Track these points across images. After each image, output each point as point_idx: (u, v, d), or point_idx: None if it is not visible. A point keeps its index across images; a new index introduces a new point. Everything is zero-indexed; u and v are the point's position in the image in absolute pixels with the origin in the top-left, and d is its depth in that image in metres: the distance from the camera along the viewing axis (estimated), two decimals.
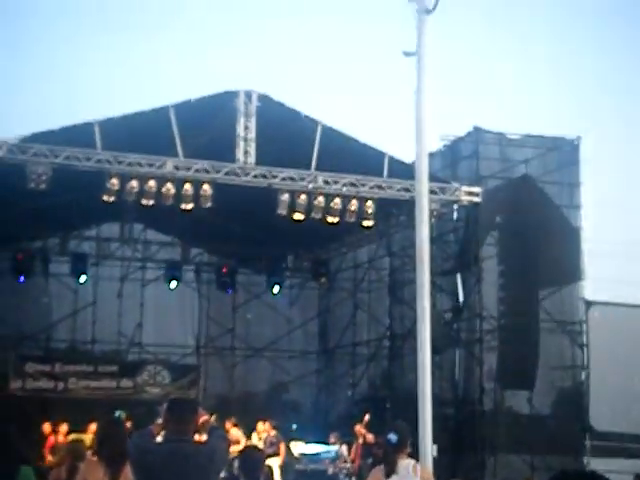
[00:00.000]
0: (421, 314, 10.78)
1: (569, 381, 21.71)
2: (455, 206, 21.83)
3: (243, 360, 27.02)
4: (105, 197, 18.82)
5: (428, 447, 10.17)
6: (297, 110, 19.67)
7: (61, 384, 23.59)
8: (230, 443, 13.34)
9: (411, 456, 8.44)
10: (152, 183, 18.79)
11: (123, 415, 17.53)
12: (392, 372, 24.09)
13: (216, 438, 6.83)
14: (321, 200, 19.82)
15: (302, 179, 19.79)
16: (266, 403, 26.23)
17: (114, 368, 24.70)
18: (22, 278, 23.42)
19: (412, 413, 13.75)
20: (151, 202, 19.05)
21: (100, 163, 18.60)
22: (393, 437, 8.25)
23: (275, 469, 18.79)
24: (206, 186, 19.19)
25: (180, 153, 18.84)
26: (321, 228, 21.21)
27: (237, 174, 19.51)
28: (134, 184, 18.70)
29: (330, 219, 20.12)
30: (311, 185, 19.82)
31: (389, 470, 8.13)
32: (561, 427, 20.81)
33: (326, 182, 19.95)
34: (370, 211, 20.25)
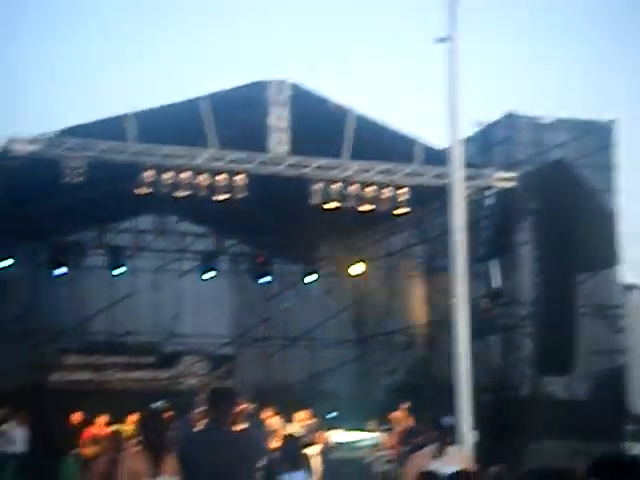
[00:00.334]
0: (458, 301, 10.76)
1: (607, 366, 21.57)
2: (489, 192, 21.71)
3: (279, 350, 27.10)
4: (140, 189, 18.93)
5: (466, 433, 10.16)
6: (329, 99, 19.67)
7: (100, 375, 23.81)
8: (269, 432, 13.41)
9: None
10: (186, 174, 18.86)
11: (163, 406, 17.66)
12: (429, 359, 24.05)
13: (254, 426, 6.91)
14: (354, 188, 19.79)
15: (335, 168, 19.78)
16: (303, 392, 26.28)
17: (151, 359, 24.89)
18: (60, 271, 23.61)
19: (450, 400, 13.76)
20: (185, 193, 19.13)
21: (134, 155, 18.69)
22: (447, 421, 8.31)
23: (314, 458, 18.84)
24: (240, 176, 19.24)
25: (214, 144, 18.89)
26: (355, 216, 21.21)
27: (270, 164, 19.53)
28: (168, 176, 18.78)
29: (363, 207, 20.10)
30: (344, 174, 19.81)
31: (439, 453, 8.16)
32: (601, 412, 20.68)
33: (359, 170, 19.92)
34: (403, 198, 20.20)
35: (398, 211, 20.54)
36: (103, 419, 19.09)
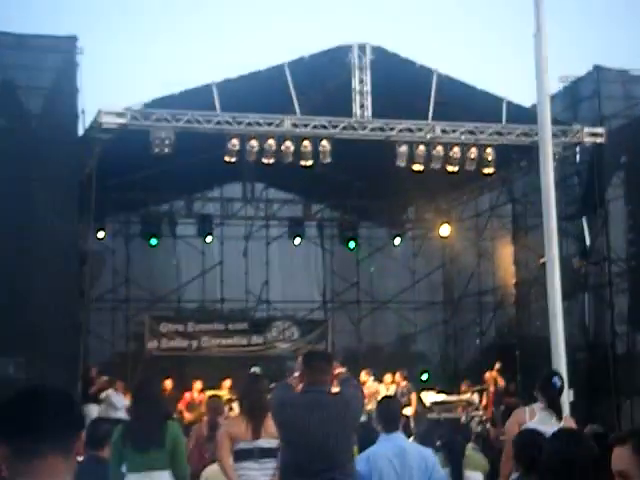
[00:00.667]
0: (550, 260, 10.68)
1: None
2: (578, 148, 21.37)
3: (369, 313, 27.19)
4: (226, 158, 19.14)
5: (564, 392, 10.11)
6: (412, 60, 19.54)
7: (194, 343, 24.24)
8: (365, 393, 13.52)
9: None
10: (271, 142, 19.00)
11: (259, 370, 17.95)
12: (520, 319, 23.90)
13: (350, 388, 6.97)
14: (440, 150, 19.68)
15: (420, 130, 19.68)
16: (394, 355, 26.39)
17: (244, 325, 25.22)
18: (153, 241, 24.06)
19: (541, 360, 13.68)
20: (271, 161, 19.28)
21: (220, 125, 18.88)
22: (557, 381, 8.31)
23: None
24: (324, 142, 19.29)
25: (297, 110, 18.96)
26: (441, 178, 21.11)
27: (354, 128, 19.53)
28: (254, 143, 18.94)
29: (450, 168, 19.99)
30: (429, 135, 19.71)
31: (557, 412, 8.18)
32: None
33: (444, 131, 19.79)
34: (490, 158, 20.01)
35: (485, 171, 20.38)
36: (198, 385, 19.51)
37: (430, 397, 20.63)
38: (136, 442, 7.84)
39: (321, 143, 19.25)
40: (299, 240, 25.86)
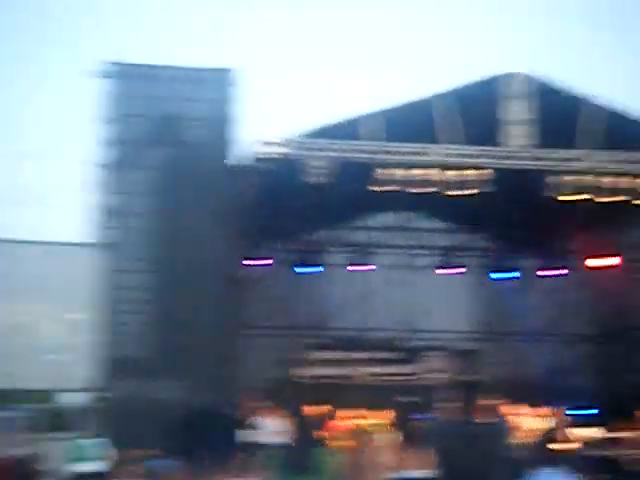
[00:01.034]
0: None
1: None
2: None
3: (521, 345, 26.73)
4: (379, 187, 19.28)
5: None
6: (570, 89, 19.26)
7: (345, 371, 24.35)
8: (513, 426, 13.31)
9: None
10: (423, 171, 19.03)
11: (411, 400, 17.92)
12: None
13: (500, 419, 6.94)
14: (594, 179, 19.26)
15: (578, 159, 19.33)
16: (548, 388, 25.83)
17: (395, 355, 25.19)
18: (307, 269, 24.41)
19: None
20: (423, 190, 19.30)
21: (373, 154, 19.04)
22: None
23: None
24: (476, 171, 19.18)
25: (451, 140, 18.94)
26: (594, 208, 20.63)
27: (511, 157, 19.35)
28: (406, 173, 19.02)
29: (604, 199, 19.51)
30: (584, 165, 19.33)
31: None
32: None
33: (599, 161, 19.37)
34: None
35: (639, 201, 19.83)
36: (350, 412, 19.60)
37: (582, 433, 20.12)
38: (289, 467, 7.98)
39: (474, 172, 19.15)
40: (452, 269, 25.73)
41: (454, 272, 25.88)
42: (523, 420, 18.89)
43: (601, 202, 19.62)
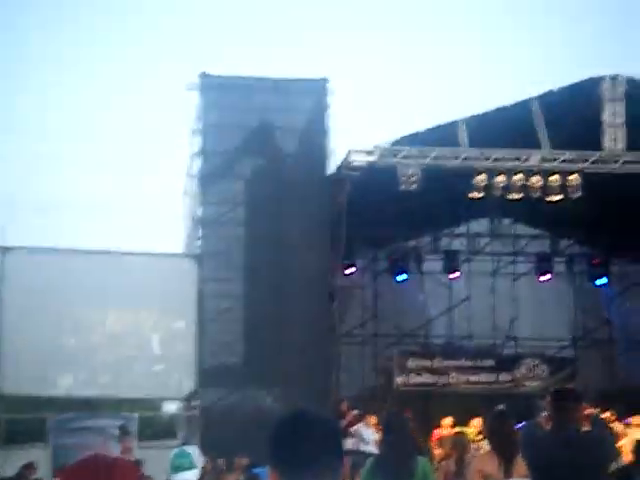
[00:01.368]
0: None
1: None
2: None
3: (623, 352, 26.20)
4: (473, 194, 19.18)
5: None
6: None
7: (442, 378, 24.21)
8: (615, 436, 13.04)
9: None
10: (519, 177, 18.88)
11: (507, 409, 17.65)
12: None
13: (601, 428, 6.80)
14: None
15: None
16: None
17: (491, 362, 24.93)
18: (401, 277, 24.41)
19: None
20: (518, 196, 19.12)
21: (467, 160, 18.96)
22: None
23: None
24: (574, 176, 18.95)
25: (545, 145, 18.74)
26: None
27: (606, 162, 19.06)
28: (501, 179, 18.89)
29: None
30: None
31: None
32: None
33: None
34: None
35: None
36: (448, 421, 19.45)
37: None
38: (386, 476, 7.98)
39: (570, 177, 18.91)
40: (548, 276, 25.40)
41: (549, 278, 25.51)
42: (620, 429, 18.45)
43: None
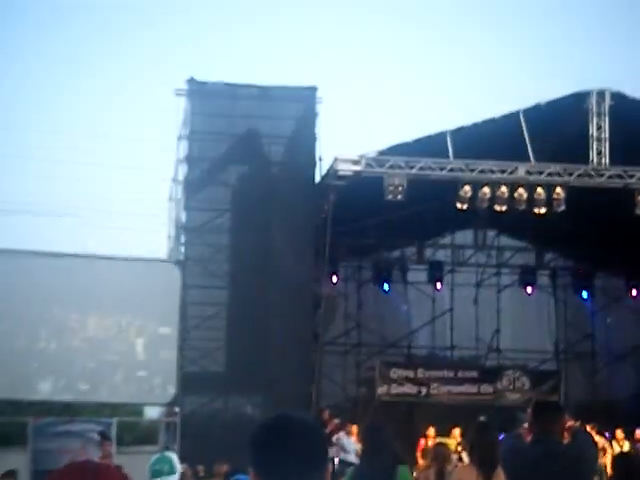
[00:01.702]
0: None
1: None
2: None
3: (604, 366, 26.27)
4: (458, 205, 19.20)
5: None
6: None
7: (424, 389, 24.17)
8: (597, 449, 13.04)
9: None
10: (504, 189, 18.91)
11: (489, 420, 17.65)
12: None
13: (583, 441, 6.76)
14: None
15: None
16: (630, 411, 25.28)
17: (474, 374, 24.92)
18: (385, 287, 24.43)
19: None
20: (504, 208, 19.17)
21: (453, 172, 18.99)
22: None
23: None
24: (559, 189, 19.00)
25: (531, 157, 18.79)
26: None
27: (591, 175, 19.13)
28: (486, 191, 18.92)
29: None
30: None
31: None
32: None
33: None
34: None
35: None
36: (432, 431, 19.44)
37: None
38: None
39: (555, 190, 18.97)
40: (531, 289, 25.45)
41: (535, 291, 25.58)
42: (599, 442, 18.47)
43: None
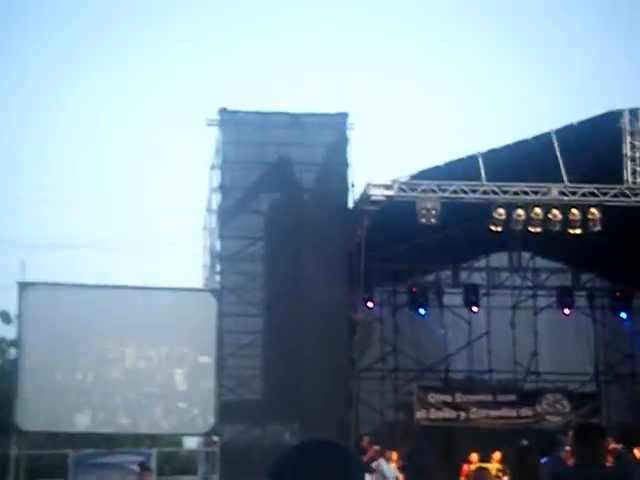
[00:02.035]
0: None
1: None
2: None
3: None
4: (492, 227, 19.14)
5: None
6: None
7: (463, 413, 23.99)
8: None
9: None
10: (538, 210, 18.82)
11: (529, 444, 17.47)
12: None
13: (627, 463, 6.70)
14: None
15: None
16: None
17: (512, 397, 24.70)
18: (421, 311, 24.35)
19: None
20: (538, 229, 19.07)
21: (486, 194, 18.94)
22: None
23: None
24: (594, 210, 18.88)
25: (565, 178, 18.70)
26: None
27: (626, 195, 18.99)
28: (520, 212, 18.85)
29: None
30: None
31: None
32: None
33: None
34: None
35: None
36: (475, 457, 19.24)
37: None
38: None
39: (590, 211, 18.85)
40: (568, 310, 25.24)
41: (573, 312, 25.36)
42: None
43: None
